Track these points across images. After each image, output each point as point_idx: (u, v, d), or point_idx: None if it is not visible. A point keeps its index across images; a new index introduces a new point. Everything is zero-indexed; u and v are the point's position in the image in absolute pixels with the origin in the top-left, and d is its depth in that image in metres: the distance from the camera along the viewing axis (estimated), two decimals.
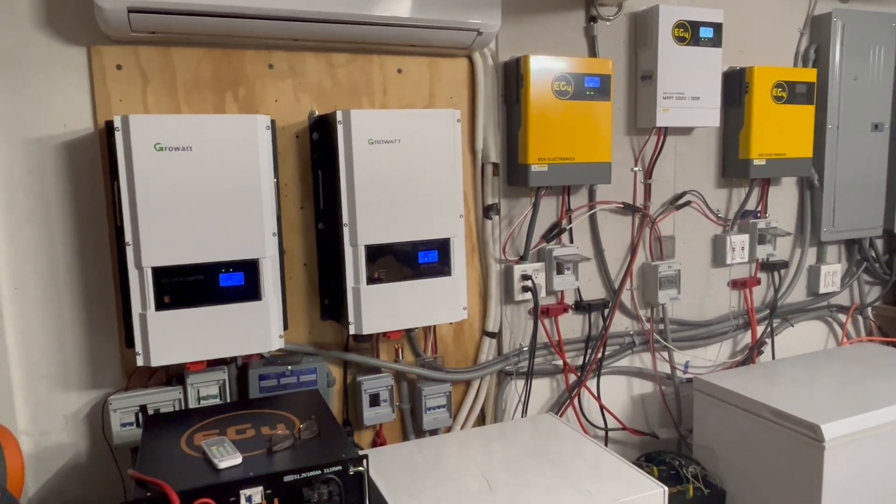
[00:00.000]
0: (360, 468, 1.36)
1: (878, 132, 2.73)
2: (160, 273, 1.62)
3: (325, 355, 1.99)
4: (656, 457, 2.35)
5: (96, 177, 1.75)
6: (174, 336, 1.64)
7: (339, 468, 1.35)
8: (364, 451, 1.40)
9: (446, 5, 1.86)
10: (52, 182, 1.72)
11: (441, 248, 1.91)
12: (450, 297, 1.93)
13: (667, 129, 2.37)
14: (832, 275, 2.82)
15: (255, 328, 1.71)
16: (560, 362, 2.35)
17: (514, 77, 2.11)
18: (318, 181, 1.91)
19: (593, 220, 2.37)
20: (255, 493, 1.29)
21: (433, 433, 2.12)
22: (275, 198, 1.73)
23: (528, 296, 2.21)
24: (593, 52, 2.29)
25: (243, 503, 1.28)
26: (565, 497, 1.64)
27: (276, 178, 1.75)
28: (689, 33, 2.28)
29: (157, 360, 1.64)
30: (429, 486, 1.71)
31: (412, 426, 2.14)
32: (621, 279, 2.43)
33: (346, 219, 1.79)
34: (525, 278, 2.21)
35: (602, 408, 2.42)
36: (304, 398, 1.74)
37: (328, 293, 1.97)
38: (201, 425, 1.56)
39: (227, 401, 1.82)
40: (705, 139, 2.53)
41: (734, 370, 2.51)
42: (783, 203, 2.72)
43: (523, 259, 2.24)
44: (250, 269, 1.70)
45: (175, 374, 1.82)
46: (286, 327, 1.81)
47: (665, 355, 2.54)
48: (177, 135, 1.59)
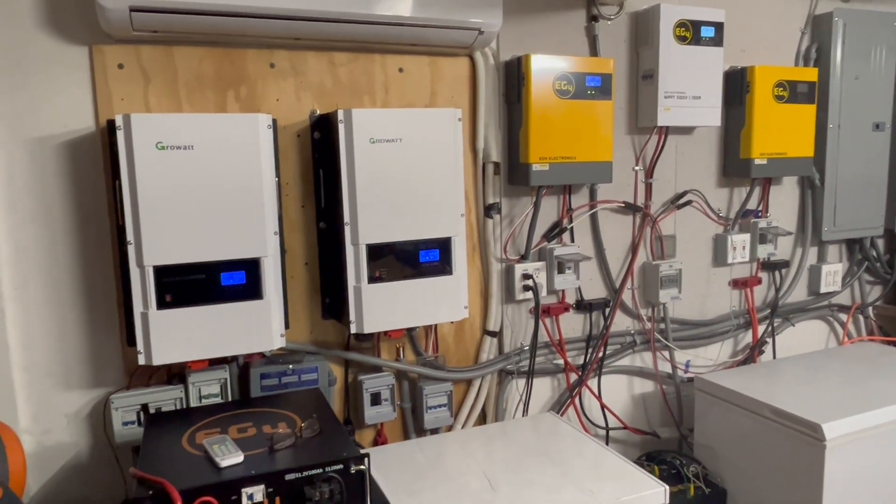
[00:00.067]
0: (361, 467, 1.36)
1: (879, 132, 2.73)
2: (162, 272, 1.62)
3: (327, 354, 1.99)
4: (657, 456, 2.35)
5: (98, 176, 1.75)
6: (176, 335, 1.64)
7: (341, 467, 1.35)
8: (365, 450, 1.40)
9: (448, 5, 1.86)
10: (54, 181, 1.72)
11: (442, 247, 1.91)
12: (451, 296, 1.93)
13: (668, 128, 2.38)
14: (833, 274, 2.82)
15: (257, 327, 1.72)
16: (561, 361, 2.35)
17: (515, 76, 2.11)
18: (320, 180, 1.91)
19: (594, 219, 2.37)
20: (257, 492, 1.29)
21: (434, 432, 2.13)
22: (276, 197, 1.74)
23: (529, 295, 2.21)
24: (594, 51, 2.29)
25: (245, 501, 1.28)
26: (566, 496, 1.64)
27: (278, 177, 1.75)
28: (690, 32, 2.28)
29: (158, 359, 1.64)
30: (430, 485, 1.71)
31: (413, 425, 2.14)
32: (622, 278, 2.43)
33: (347, 218, 1.79)
34: (526, 277, 2.21)
35: (603, 407, 2.42)
36: (305, 397, 1.74)
37: (329, 292, 1.97)
38: (203, 424, 1.56)
39: (229, 400, 1.82)
40: (706, 138, 2.53)
41: (735, 369, 2.51)
42: (784, 202, 2.72)
43: (524, 258, 2.24)
44: (252, 268, 1.70)
45: (176, 373, 1.82)
46: (287, 326, 1.81)
47: (666, 354, 2.54)
48: (178, 134, 1.60)
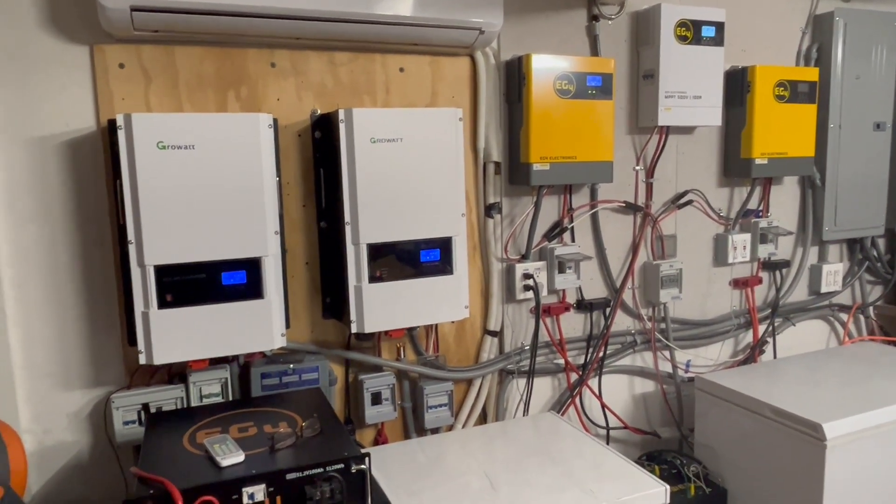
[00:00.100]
0: (362, 466, 1.37)
1: (880, 131, 2.73)
2: (163, 271, 1.62)
3: (327, 354, 1.99)
4: (658, 456, 2.35)
5: (99, 175, 1.75)
6: (176, 334, 1.64)
7: (342, 466, 1.35)
8: (366, 450, 1.41)
9: (448, 4, 1.86)
10: (55, 181, 1.72)
11: (443, 246, 1.91)
12: (451, 295, 1.93)
13: (668, 128, 2.37)
14: (834, 274, 2.81)
15: (258, 327, 1.72)
16: (561, 361, 2.35)
17: (515, 76, 2.11)
18: (320, 180, 1.91)
19: (595, 219, 2.37)
20: (258, 491, 1.29)
21: (435, 432, 2.13)
22: (277, 196, 1.74)
23: (530, 294, 2.21)
24: (595, 51, 2.29)
25: (246, 501, 1.29)
26: (567, 496, 1.64)
27: (279, 176, 1.75)
28: (691, 32, 2.27)
29: (159, 359, 1.64)
30: (430, 484, 1.71)
31: (414, 425, 2.14)
32: (623, 278, 2.43)
33: (348, 217, 1.79)
34: (527, 277, 2.21)
35: (603, 407, 2.42)
36: (306, 396, 1.74)
37: (330, 292, 1.97)
38: (204, 423, 1.56)
39: (230, 399, 1.82)
40: (707, 138, 2.53)
41: (736, 369, 2.51)
42: (785, 202, 2.72)
43: (525, 258, 2.24)
44: (252, 267, 1.70)
45: (177, 373, 1.82)
46: (288, 326, 1.81)
47: (666, 354, 2.54)
48: (179, 133, 1.60)
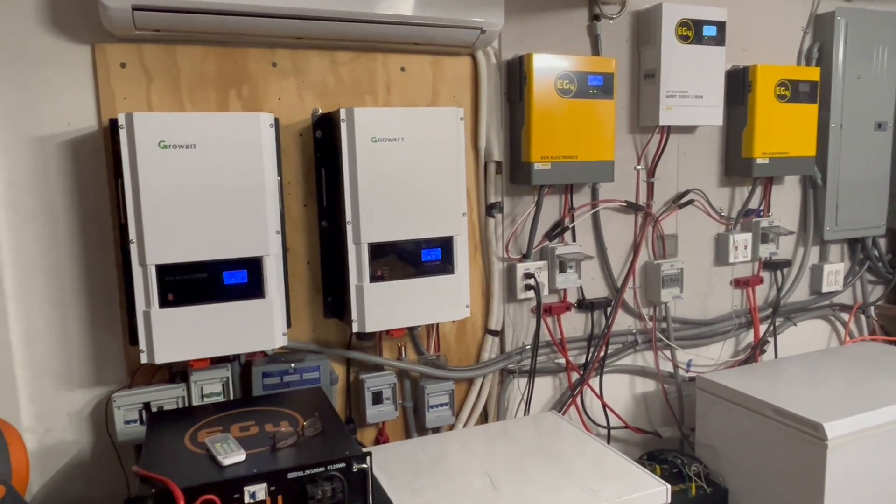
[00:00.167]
0: (363, 465, 1.37)
1: (881, 131, 2.73)
2: (164, 271, 1.62)
3: (329, 353, 1.99)
4: (659, 455, 2.35)
5: (100, 175, 1.75)
6: (178, 334, 1.65)
7: (343, 465, 1.35)
8: (367, 449, 1.41)
9: (450, 4, 1.86)
10: (56, 180, 1.72)
11: (444, 246, 1.91)
12: (452, 295, 1.93)
13: (670, 127, 2.37)
14: (835, 274, 2.81)
15: (259, 326, 1.72)
16: (562, 360, 2.35)
17: (517, 75, 2.11)
18: (322, 179, 1.91)
19: (596, 218, 2.37)
20: (259, 490, 1.29)
21: (436, 431, 2.13)
22: (278, 196, 1.74)
23: (531, 294, 2.21)
24: (596, 50, 2.29)
25: (247, 500, 1.29)
26: (568, 495, 1.64)
27: (280, 176, 1.75)
28: (692, 32, 2.27)
29: (160, 358, 1.64)
30: (432, 483, 1.71)
31: (415, 424, 2.14)
32: (624, 278, 2.43)
33: (349, 217, 1.80)
34: (528, 276, 2.21)
35: (604, 406, 2.42)
36: (307, 396, 1.75)
37: (331, 291, 1.97)
38: (205, 422, 1.56)
39: (231, 398, 1.82)
40: (708, 138, 2.53)
41: (737, 369, 2.51)
42: (786, 202, 2.72)
43: (526, 257, 2.24)
44: (254, 266, 1.70)
45: (178, 372, 1.82)
46: (289, 325, 1.81)
47: (667, 354, 2.54)
48: (181, 132, 1.60)
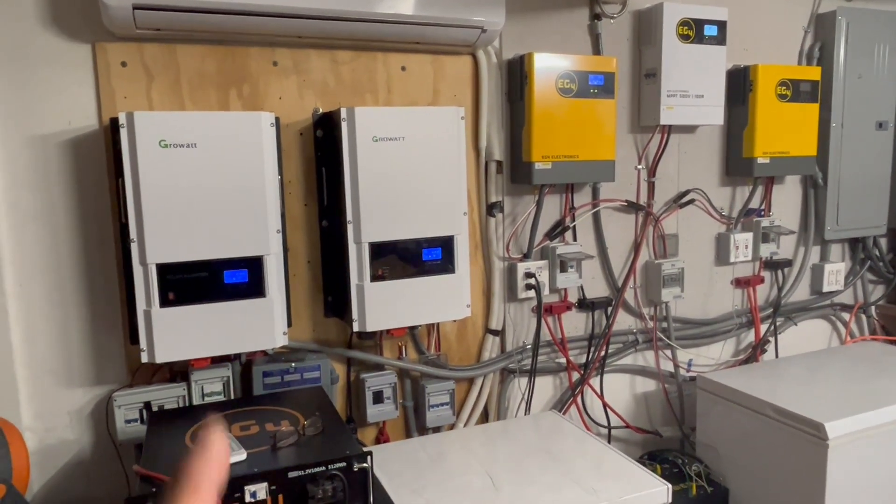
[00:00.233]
0: (364, 464, 1.37)
1: (882, 130, 2.72)
2: (165, 270, 1.62)
3: (329, 352, 1.99)
4: (659, 455, 2.35)
5: (101, 174, 1.75)
6: (178, 333, 1.64)
7: (344, 464, 1.35)
8: (368, 448, 1.41)
9: (450, 3, 1.86)
10: (57, 179, 1.72)
11: (445, 245, 1.91)
12: (453, 294, 1.93)
13: (671, 127, 2.37)
14: (836, 273, 2.81)
15: (259, 325, 1.72)
16: (563, 360, 2.35)
17: (517, 75, 2.11)
18: (322, 178, 1.91)
19: (597, 218, 2.37)
20: (260, 489, 1.29)
21: (436, 430, 2.13)
22: (279, 195, 1.74)
23: (532, 293, 2.21)
24: (597, 49, 2.28)
25: (248, 499, 1.29)
26: (569, 494, 1.64)
27: (281, 175, 1.75)
28: (693, 31, 2.27)
29: (161, 357, 1.64)
30: (432, 482, 1.71)
31: (415, 423, 2.14)
32: (625, 277, 2.43)
33: (349, 216, 1.79)
34: (528, 276, 2.20)
35: (605, 406, 2.42)
36: (307, 395, 1.74)
37: (332, 290, 1.97)
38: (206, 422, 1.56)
39: (231, 397, 1.82)
40: (709, 137, 2.53)
41: (737, 368, 2.51)
42: (787, 201, 2.72)
43: (527, 257, 2.24)
44: (254, 266, 1.70)
45: (179, 371, 1.82)
46: (290, 324, 1.81)
47: (668, 353, 2.54)
48: (181, 132, 1.60)
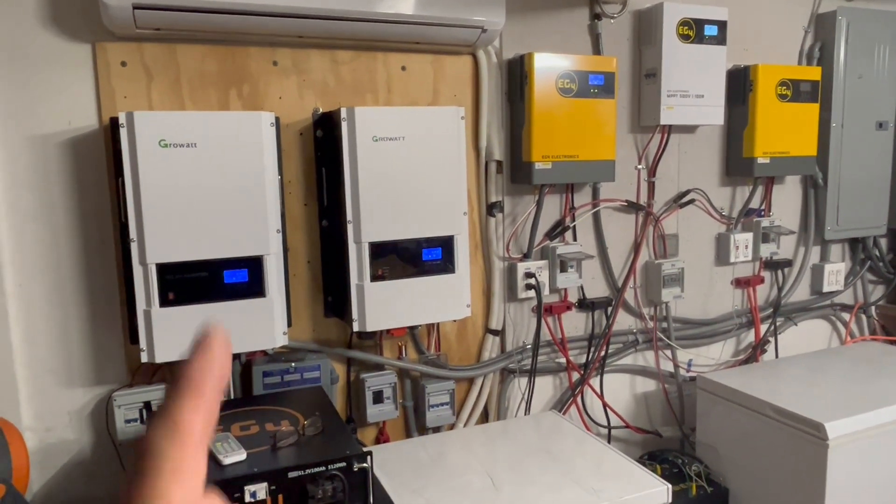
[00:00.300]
0: (364, 464, 1.37)
1: (882, 131, 2.72)
2: (165, 269, 1.62)
3: (329, 352, 1.99)
4: (659, 455, 2.35)
5: (101, 173, 1.75)
6: (178, 332, 1.64)
7: (344, 464, 1.35)
8: (368, 448, 1.41)
9: (451, 3, 1.86)
10: (57, 179, 1.72)
11: (445, 245, 1.90)
12: (453, 294, 1.93)
13: (671, 126, 2.37)
14: (836, 273, 2.81)
15: (259, 325, 1.72)
16: (563, 360, 2.35)
17: (517, 74, 2.11)
18: (322, 178, 1.91)
19: (597, 217, 2.37)
20: (260, 489, 1.29)
21: (436, 430, 2.13)
22: (279, 195, 1.73)
23: (532, 293, 2.21)
24: (597, 49, 2.28)
25: (248, 499, 1.29)
26: (569, 494, 1.64)
27: (281, 175, 1.75)
28: (693, 31, 2.27)
29: (161, 357, 1.64)
30: (432, 482, 1.71)
31: (415, 423, 2.14)
32: (625, 277, 2.43)
33: (350, 216, 1.79)
34: (528, 276, 2.20)
35: (605, 406, 2.42)
36: (307, 395, 1.75)
37: (332, 290, 1.97)
38: None
39: (231, 397, 1.82)
40: (709, 137, 2.53)
41: (737, 368, 2.51)
42: (787, 201, 2.72)
43: (527, 257, 2.24)
44: (254, 265, 1.70)
45: None
46: (290, 324, 1.81)
47: (668, 353, 2.54)
48: (181, 131, 1.60)
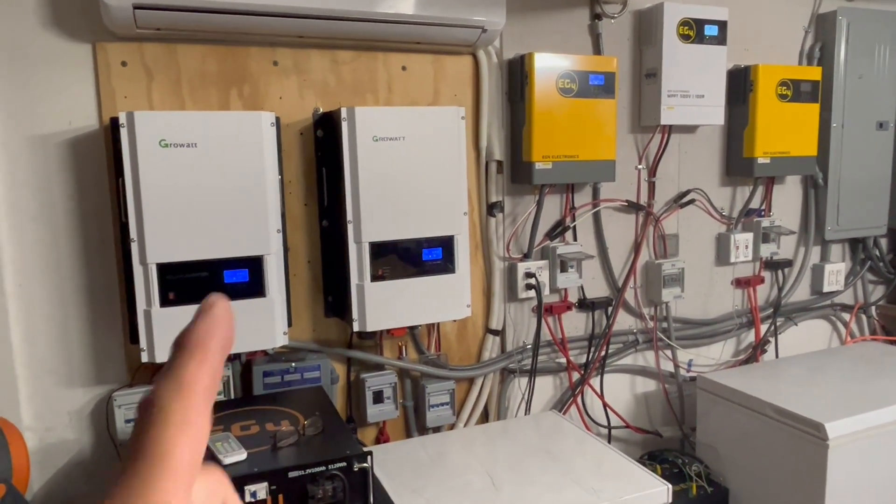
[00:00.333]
0: (364, 464, 1.37)
1: (882, 131, 2.72)
2: (165, 269, 1.62)
3: (329, 352, 1.99)
4: (659, 455, 2.35)
5: (101, 173, 1.75)
6: (178, 333, 1.64)
7: (344, 464, 1.35)
8: (368, 448, 1.41)
9: (451, 3, 1.86)
10: (57, 179, 1.72)
11: (445, 245, 1.90)
12: (453, 294, 1.93)
13: (671, 126, 2.37)
14: (836, 273, 2.81)
15: (260, 325, 1.72)
16: (563, 360, 2.35)
17: (518, 74, 2.11)
18: (323, 178, 1.91)
19: (597, 217, 2.37)
20: (260, 489, 1.29)
21: (436, 430, 2.13)
22: (279, 195, 1.73)
23: (532, 293, 2.21)
24: (598, 49, 2.28)
25: (248, 499, 1.29)
26: (569, 494, 1.64)
27: (281, 175, 1.75)
28: (693, 31, 2.27)
29: (161, 357, 1.64)
30: (432, 482, 1.71)
31: (415, 423, 2.14)
32: (625, 277, 2.43)
33: (350, 216, 1.79)
34: (529, 276, 2.20)
35: (605, 406, 2.42)
36: (307, 395, 1.75)
37: (332, 290, 1.97)
38: None
39: (231, 397, 1.82)
40: (709, 137, 2.53)
41: (738, 368, 2.51)
42: (787, 201, 2.71)
43: (527, 257, 2.24)
44: (255, 265, 1.70)
45: None
46: (290, 324, 1.81)
47: (668, 353, 2.54)
48: (182, 131, 1.60)
